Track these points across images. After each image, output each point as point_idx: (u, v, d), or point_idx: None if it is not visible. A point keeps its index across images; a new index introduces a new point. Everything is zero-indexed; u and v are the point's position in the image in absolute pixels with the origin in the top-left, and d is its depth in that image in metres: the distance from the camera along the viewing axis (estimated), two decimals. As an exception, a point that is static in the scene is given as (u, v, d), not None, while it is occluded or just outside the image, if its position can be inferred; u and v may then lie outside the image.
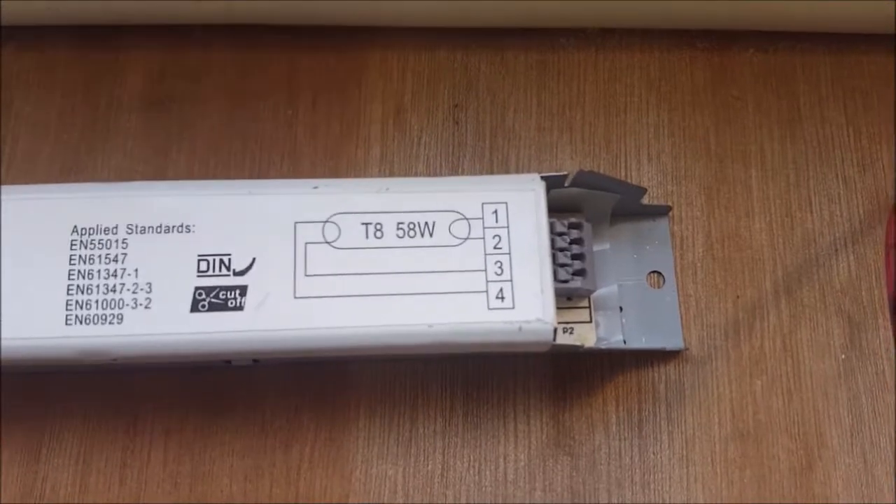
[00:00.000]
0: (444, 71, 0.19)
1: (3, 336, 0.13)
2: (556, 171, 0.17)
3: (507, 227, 0.14)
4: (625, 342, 0.16)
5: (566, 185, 0.15)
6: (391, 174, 0.18)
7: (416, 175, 0.18)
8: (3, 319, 0.13)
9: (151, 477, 0.16)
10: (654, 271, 0.17)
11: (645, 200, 0.17)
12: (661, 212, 0.18)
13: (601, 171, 0.17)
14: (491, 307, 0.14)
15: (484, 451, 0.16)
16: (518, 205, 0.14)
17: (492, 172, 0.18)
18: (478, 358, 0.17)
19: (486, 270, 0.14)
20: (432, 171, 0.18)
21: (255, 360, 0.16)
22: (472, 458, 0.16)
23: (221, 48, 0.19)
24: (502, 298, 0.14)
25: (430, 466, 0.16)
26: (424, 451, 0.16)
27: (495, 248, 0.14)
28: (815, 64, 0.19)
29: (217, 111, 0.18)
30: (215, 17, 0.18)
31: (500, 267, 0.14)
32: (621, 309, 0.17)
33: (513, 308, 0.14)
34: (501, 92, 0.18)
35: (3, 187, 0.14)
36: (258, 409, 0.16)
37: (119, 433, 0.16)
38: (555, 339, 0.14)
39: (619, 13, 0.18)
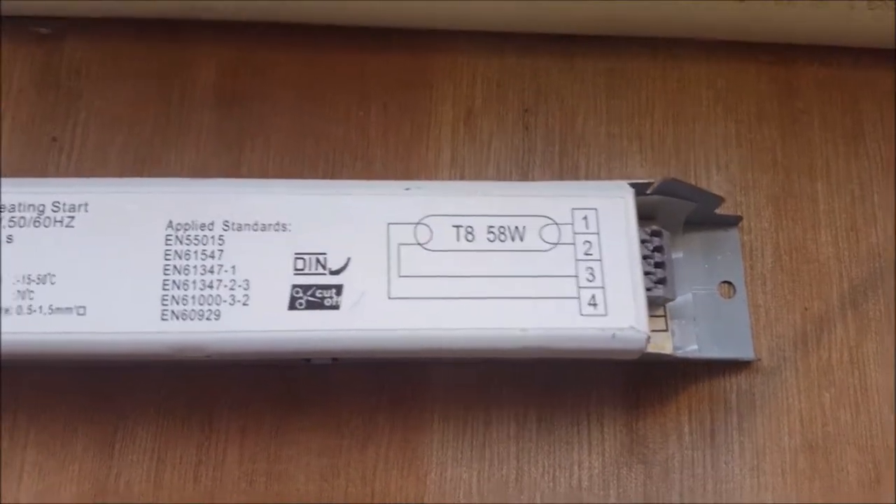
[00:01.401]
0: (514, 76, 0.19)
1: (97, 330, 0.14)
2: (627, 178, 0.17)
3: (598, 233, 0.15)
4: (699, 351, 0.17)
5: (648, 192, 0.16)
6: (462, 177, 0.18)
7: (486, 179, 0.18)
8: (97, 313, 0.14)
9: (227, 475, 0.17)
10: (724, 281, 0.18)
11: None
12: (732, 222, 0.18)
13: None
14: (584, 313, 0.14)
15: (558, 457, 0.17)
16: (608, 211, 0.15)
17: (561, 178, 0.19)
18: (551, 364, 0.17)
19: (577, 276, 0.15)
20: (502, 176, 0.19)
21: (333, 359, 0.16)
22: (546, 464, 0.17)
23: (291, 47, 0.19)
24: (595, 305, 0.14)
25: (504, 471, 0.17)
26: (498, 455, 0.17)
27: (586, 254, 0.15)
28: (877, 80, 0.20)
29: (289, 110, 0.19)
30: (286, 16, 0.19)
31: (591, 273, 0.15)
32: (695, 318, 0.17)
33: (606, 315, 0.14)
34: (571, 98, 0.19)
35: (97, 179, 0.15)
36: (334, 408, 0.17)
37: (194, 430, 0.17)
38: (647, 348, 0.14)
39: (686, 24, 0.19)
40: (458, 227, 0.15)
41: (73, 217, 0.14)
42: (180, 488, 0.16)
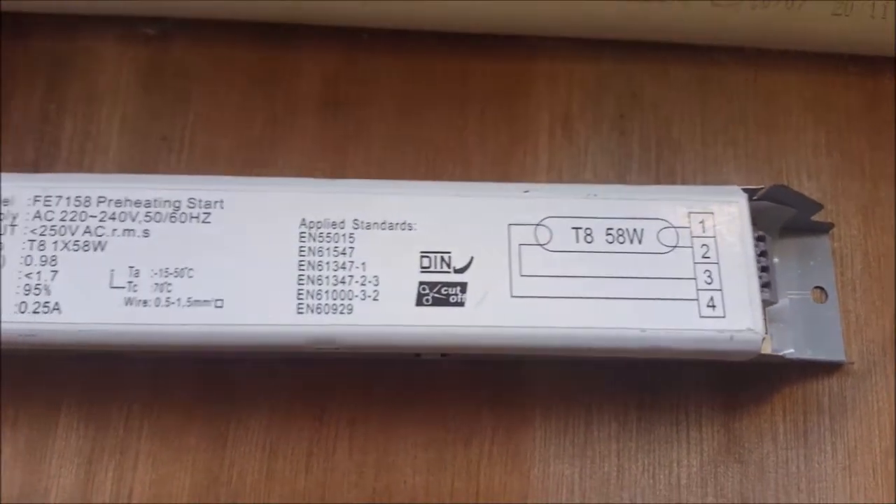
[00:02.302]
0: (610, 82, 0.20)
1: (235, 322, 0.15)
2: (722, 184, 0.18)
3: (714, 237, 0.15)
4: (795, 353, 0.18)
5: (756, 198, 0.17)
6: (559, 182, 0.19)
7: (583, 183, 0.19)
8: (235, 306, 0.15)
9: (337, 466, 0.17)
10: (817, 286, 0.19)
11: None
12: (824, 229, 0.19)
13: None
14: (703, 315, 0.15)
15: (658, 455, 0.18)
16: (724, 216, 0.16)
17: (658, 183, 0.19)
18: (649, 364, 0.18)
19: (696, 279, 0.15)
20: (600, 181, 0.19)
21: (442, 355, 0.17)
22: (646, 462, 0.18)
23: (393, 53, 0.20)
24: (713, 307, 0.15)
25: (605, 468, 0.18)
26: (600, 453, 0.18)
27: (703, 257, 0.15)
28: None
29: (390, 114, 0.20)
30: (388, 23, 0.20)
31: (709, 276, 0.15)
32: (790, 322, 0.18)
33: (724, 317, 0.15)
34: (665, 105, 0.20)
35: (231, 178, 0.16)
36: (439, 403, 0.18)
37: (305, 423, 0.17)
38: (762, 349, 0.15)
39: (778, 35, 0.20)
40: (577, 228, 0.15)
41: (209, 213, 0.15)
42: (292, 479, 0.17)
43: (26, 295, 0.15)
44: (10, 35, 0.20)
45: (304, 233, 0.15)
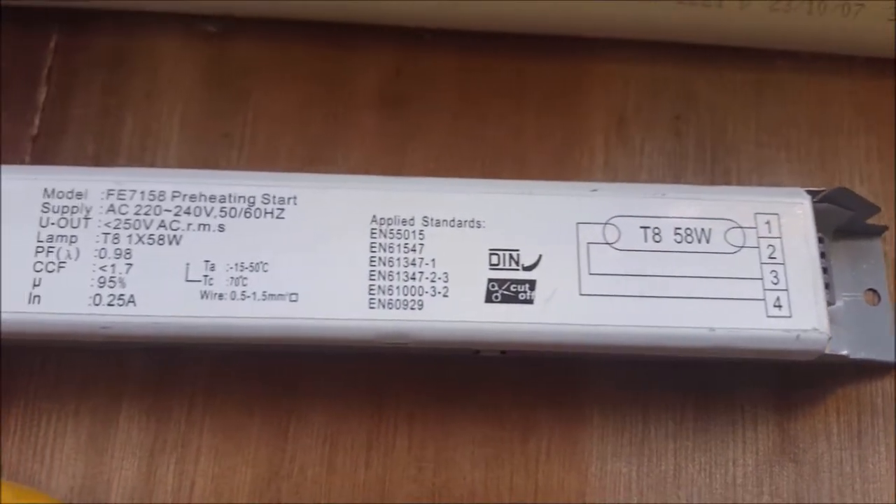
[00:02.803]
0: (665, 84, 0.20)
1: (310, 316, 0.15)
2: (776, 186, 0.18)
3: (780, 237, 0.16)
4: (849, 354, 0.18)
5: (817, 200, 0.17)
6: (615, 181, 0.19)
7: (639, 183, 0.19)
8: (309, 300, 0.15)
9: (396, 460, 0.17)
10: (869, 289, 0.19)
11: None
12: (877, 232, 0.19)
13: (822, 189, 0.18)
14: (769, 315, 0.15)
15: (714, 454, 0.18)
16: (789, 217, 0.16)
17: (713, 184, 0.20)
18: (705, 364, 0.18)
19: (762, 279, 0.15)
20: (655, 181, 0.19)
21: (502, 352, 0.17)
22: (702, 461, 0.18)
23: (450, 53, 0.20)
24: (780, 307, 0.15)
25: (662, 467, 0.18)
26: (657, 452, 0.18)
27: (770, 257, 0.16)
28: None
29: (447, 113, 0.20)
30: (447, 23, 0.20)
31: (775, 276, 0.15)
32: (844, 323, 0.18)
33: (790, 317, 0.15)
34: (720, 107, 0.20)
35: (304, 175, 0.16)
36: (496, 400, 0.18)
37: (364, 417, 0.18)
38: (826, 349, 0.15)
39: (832, 40, 0.20)
40: (645, 228, 0.16)
41: (282, 209, 0.15)
42: (352, 473, 0.17)
43: (101, 287, 0.15)
44: (70, 30, 0.20)
45: (374, 229, 0.15)
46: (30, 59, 0.19)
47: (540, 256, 0.16)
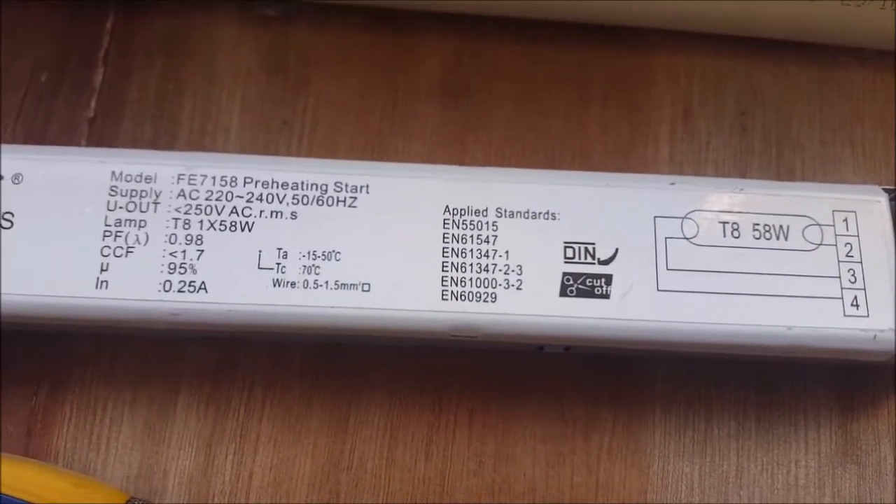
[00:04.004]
0: (730, 78, 0.20)
1: (382, 306, 0.15)
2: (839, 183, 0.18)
3: (858, 235, 0.15)
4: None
5: (893, 198, 0.17)
6: (680, 175, 0.19)
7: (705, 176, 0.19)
8: (381, 290, 0.15)
9: (456, 455, 0.17)
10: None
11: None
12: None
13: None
14: (847, 314, 0.15)
15: (776, 455, 0.18)
16: (867, 215, 0.16)
17: (778, 180, 0.19)
18: (767, 365, 0.18)
19: (840, 277, 0.15)
20: (721, 176, 0.19)
21: (566, 349, 0.17)
22: (765, 461, 0.18)
23: (514, 42, 0.20)
24: (857, 306, 0.15)
25: (724, 467, 0.18)
26: (719, 451, 0.18)
27: (847, 255, 0.15)
28: None
29: (510, 103, 0.19)
30: (510, 11, 0.19)
31: (852, 275, 0.15)
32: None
33: (867, 316, 0.15)
34: (786, 103, 0.20)
35: (377, 163, 0.15)
36: (558, 397, 0.18)
37: (425, 410, 0.17)
38: (902, 349, 0.15)
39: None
40: (724, 223, 0.15)
41: (355, 198, 0.15)
42: (412, 466, 0.17)
43: (171, 273, 0.15)
44: (127, 12, 0.19)
45: (447, 220, 0.15)
46: (86, 41, 0.19)
47: (616, 250, 0.15)
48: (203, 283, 0.14)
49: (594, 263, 0.15)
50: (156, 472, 0.17)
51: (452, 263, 0.15)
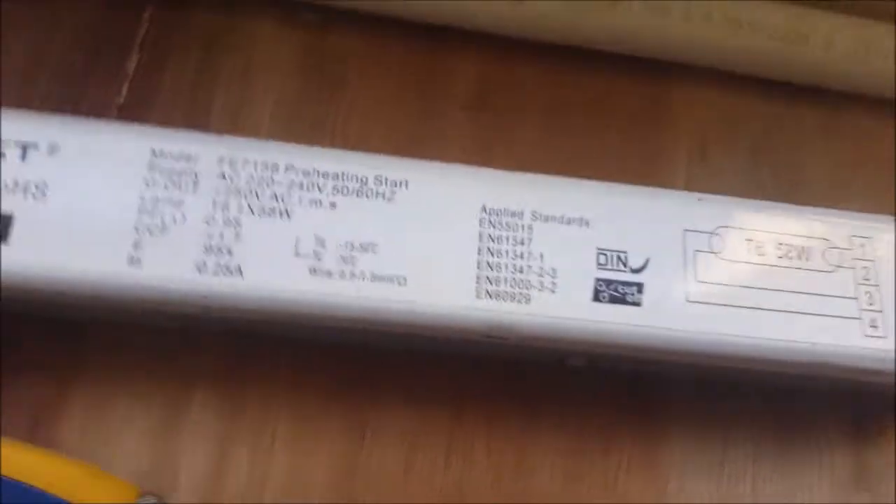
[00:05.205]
0: (746, 116, 0.21)
1: (417, 301, 0.14)
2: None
3: (874, 260, 0.16)
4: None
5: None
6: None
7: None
8: (417, 285, 0.14)
9: (475, 465, 0.17)
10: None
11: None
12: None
13: None
14: (866, 334, 0.15)
15: (792, 479, 0.18)
16: (882, 241, 0.16)
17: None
18: (785, 388, 0.18)
19: (857, 299, 0.16)
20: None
21: (588, 362, 0.17)
22: (781, 485, 0.18)
23: (540, 64, 0.20)
24: (875, 327, 0.15)
25: (740, 489, 0.18)
26: (735, 473, 0.18)
27: (864, 279, 0.16)
28: None
29: (534, 124, 0.20)
30: (541, 35, 0.20)
31: (870, 297, 0.16)
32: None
33: (885, 338, 0.15)
34: (797, 145, 0.21)
35: (415, 160, 0.16)
36: (578, 411, 0.18)
37: (444, 419, 0.17)
38: (922, 371, 0.15)
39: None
40: (749, 240, 0.16)
41: (394, 192, 0.15)
42: (430, 475, 0.17)
43: (206, 254, 0.14)
44: (169, 4, 0.20)
45: (483, 219, 0.15)
46: (123, 27, 0.19)
47: (647, 260, 0.16)
48: (239, 266, 0.14)
49: (626, 271, 0.15)
50: (166, 468, 0.16)
51: (488, 262, 0.15)
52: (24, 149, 0.14)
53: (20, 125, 0.15)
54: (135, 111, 0.19)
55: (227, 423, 0.17)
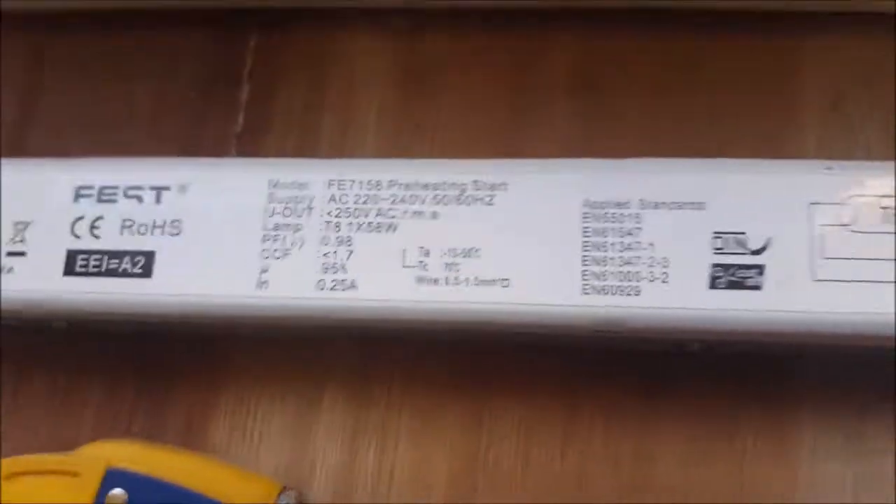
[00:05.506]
0: (885, 59, 0.18)
1: (522, 301, 0.15)
2: None
3: None
4: None
5: None
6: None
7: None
8: (521, 286, 0.15)
9: (593, 454, 0.17)
10: None
11: None
12: None
13: None
14: None
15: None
16: None
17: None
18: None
19: None
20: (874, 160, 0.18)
21: (706, 345, 0.16)
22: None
23: (644, 31, 0.19)
24: None
25: (881, 467, 0.16)
26: (875, 449, 0.16)
27: None
28: None
29: (644, 98, 0.19)
30: (637, 2, 0.19)
31: None
32: None
33: None
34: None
35: (511, 161, 0.16)
36: (698, 395, 0.17)
37: (559, 409, 0.17)
38: None
39: None
40: (885, 209, 0.14)
41: (493, 195, 0.15)
42: (548, 465, 0.17)
43: (325, 273, 0.15)
44: (269, 30, 0.21)
45: (587, 213, 0.15)
46: (231, 59, 0.20)
47: (769, 240, 0.15)
48: (353, 281, 0.15)
49: (745, 254, 0.15)
50: (303, 463, 0.18)
51: (593, 257, 0.15)
52: (159, 192, 0.16)
53: (152, 171, 0.16)
54: (252, 138, 0.20)
55: (354, 420, 0.18)
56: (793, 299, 0.14)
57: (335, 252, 0.15)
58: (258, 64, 0.21)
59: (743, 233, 0.15)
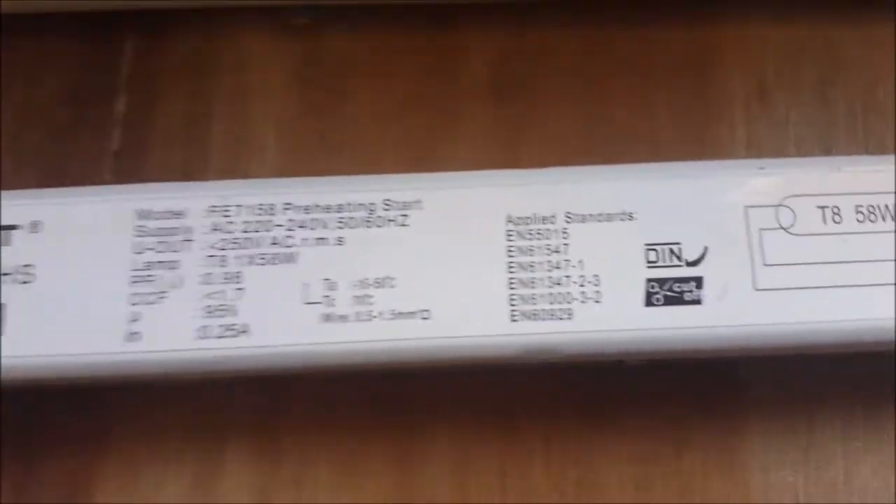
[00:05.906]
0: (807, 46, 0.18)
1: (445, 335, 0.13)
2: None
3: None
4: None
5: None
6: (759, 157, 0.17)
7: (786, 157, 0.17)
8: (443, 316, 0.13)
9: (534, 485, 0.16)
10: None
11: None
12: None
13: None
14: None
15: (888, 455, 0.16)
16: None
17: (868, 153, 0.17)
18: (871, 359, 0.16)
19: (961, 260, 0.13)
20: (804, 154, 0.17)
21: (647, 361, 0.15)
22: (875, 463, 0.16)
23: (564, 26, 0.18)
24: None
25: (831, 472, 0.16)
26: (825, 456, 0.16)
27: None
28: None
29: (566, 94, 0.17)
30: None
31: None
32: None
33: None
34: (870, 68, 0.18)
35: (428, 175, 0.14)
36: (642, 412, 0.16)
37: (495, 438, 0.16)
38: None
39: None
40: (823, 207, 0.14)
41: (406, 215, 0.13)
42: (486, 501, 0.15)
43: (209, 317, 0.13)
44: (147, 35, 0.18)
45: (511, 231, 0.13)
46: (106, 69, 0.18)
47: (705, 249, 0.13)
48: (245, 325, 0.13)
49: (682, 265, 0.13)
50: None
51: (520, 279, 0.13)
52: (7, 233, 0.13)
53: (-5, 208, 0.14)
54: (130, 157, 0.17)
55: (265, 474, 0.15)
56: (735, 312, 0.13)
57: (221, 292, 0.13)
58: (136, 72, 0.18)
59: (678, 243, 0.13)
